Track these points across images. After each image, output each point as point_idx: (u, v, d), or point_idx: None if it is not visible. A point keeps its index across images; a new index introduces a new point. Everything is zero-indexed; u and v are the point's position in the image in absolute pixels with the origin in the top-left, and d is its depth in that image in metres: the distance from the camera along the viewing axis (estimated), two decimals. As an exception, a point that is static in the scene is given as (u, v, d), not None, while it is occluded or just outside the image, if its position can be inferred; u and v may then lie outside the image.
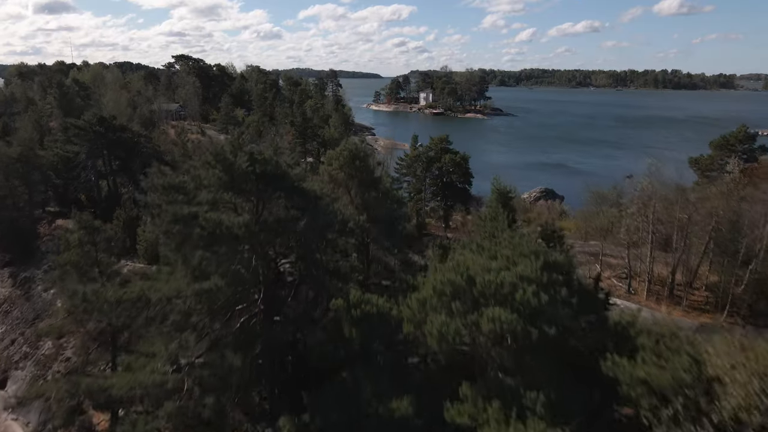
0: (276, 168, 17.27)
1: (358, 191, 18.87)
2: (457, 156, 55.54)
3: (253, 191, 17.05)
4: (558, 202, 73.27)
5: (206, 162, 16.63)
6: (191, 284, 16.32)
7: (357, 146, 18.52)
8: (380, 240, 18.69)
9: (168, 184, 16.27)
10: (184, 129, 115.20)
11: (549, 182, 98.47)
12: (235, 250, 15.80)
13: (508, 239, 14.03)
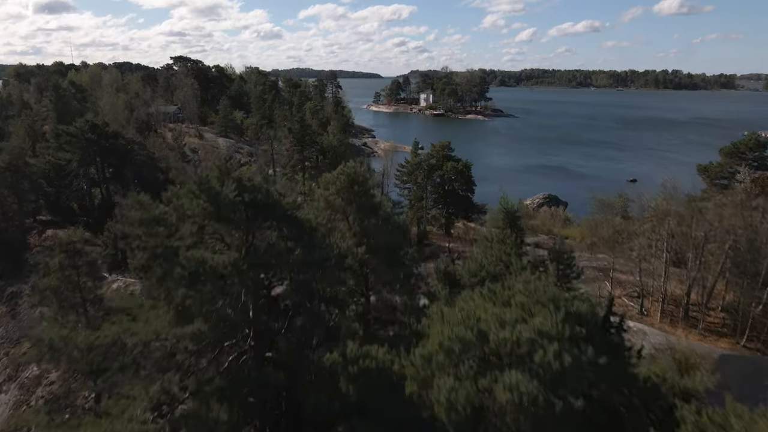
0: (267, 196, 15.78)
1: (356, 218, 17.38)
2: (459, 164, 54.07)
3: (242, 222, 15.57)
4: (562, 208, 71.85)
5: (190, 191, 15.13)
6: (172, 327, 14.85)
7: (355, 170, 17.03)
8: (381, 271, 17.24)
9: (147, 218, 14.78)
10: (182, 132, 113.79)
11: (552, 187, 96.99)
12: (221, 290, 14.35)
13: (523, 284, 12.51)
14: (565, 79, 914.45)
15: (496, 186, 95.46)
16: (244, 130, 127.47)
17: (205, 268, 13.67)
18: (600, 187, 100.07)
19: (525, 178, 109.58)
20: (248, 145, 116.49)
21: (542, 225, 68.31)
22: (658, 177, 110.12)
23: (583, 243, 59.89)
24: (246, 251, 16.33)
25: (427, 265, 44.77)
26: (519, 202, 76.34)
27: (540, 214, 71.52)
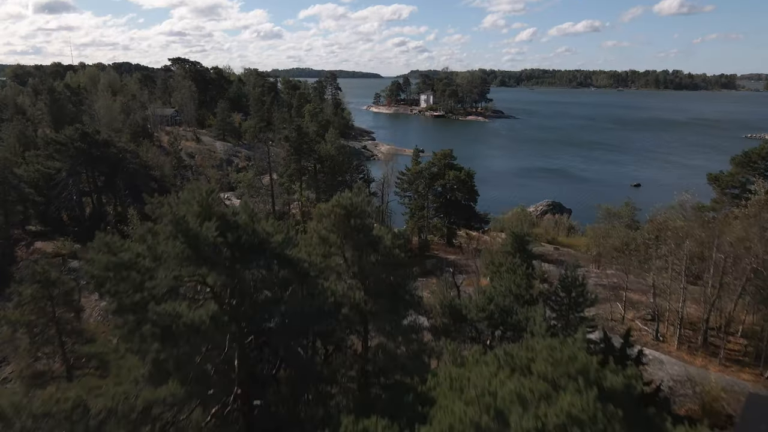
0: (253, 236, 14.03)
1: (354, 254, 15.61)
2: (461, 173, 52.29)
3: (225, 265, 13.81)
4: (566, 216, 70.07)
5: (165, 231, 13.37)
6: (145, 385, 13.09)
7: (352, 201, 15.28)
8: (380, 318, 15.50)
9: (116, 263, 13.03)
10: (179, 136, 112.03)
11: (555, 193, 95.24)
12: (199, 348, 12.61)
13: (547, 350, 10.75)
14: (566, 80, 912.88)
15: (498, 191, 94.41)
16: (242, 134, 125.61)
17: (180, 324, 11.92)
18: (603, 192, 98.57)
19: (527, 182, 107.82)
20: (246, 149, 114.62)
21: (546, 233, 66.55)
22: (663, 181, 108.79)
23: (589, 254, 58.13)
24: (230, 296, 14.60)
25: (429, 281, 43.11)
26: (522, 208, 74.85)
27: (544, 222, 69.77)
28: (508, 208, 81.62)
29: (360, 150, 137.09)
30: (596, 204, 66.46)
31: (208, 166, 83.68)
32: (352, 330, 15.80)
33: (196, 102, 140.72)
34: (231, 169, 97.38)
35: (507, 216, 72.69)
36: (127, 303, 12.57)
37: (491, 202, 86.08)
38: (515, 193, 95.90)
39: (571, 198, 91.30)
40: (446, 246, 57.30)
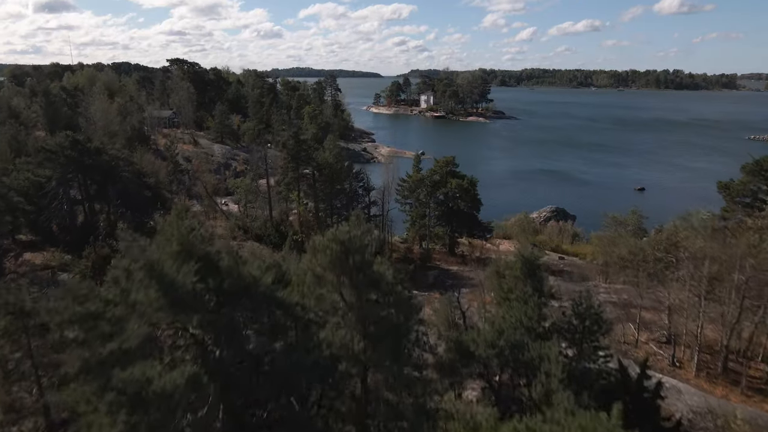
0: (238, 280, 12.46)
1: (352, 295, 14.04)
2: (464, 181, 50.69)
3: (207, 313, 12.24)
4: (570, 223, 68.50)
5: (139, 278, 11.79)
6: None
7: (350, 236, 13.71)
8: (382, 368, 13.93)
9: (82, 314, 11.46)
10: (176, 139, 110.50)
11: (557, 197, 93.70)
12: (174, 414, 11.05)
13: (575, 426, 9.18)
14: (566, 79, 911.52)
15: (500, 195, 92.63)
16: (240, 136, 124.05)
17: (150, 392, 10.36)
18: (607, 196, 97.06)
19: (529, 186, 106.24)
20: (244, 152, 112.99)
21: (550, 241, 65.02)
22: (667, 185, 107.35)
23: (595, 263, 56.59)
24: (215, 344, 13.03)
25: (432, 295, 41.51)
26: (525, 215, 73.28)
27: (548, 229, 68.23)
28: (511, 213, 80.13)
29: (360, 152, 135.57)
30: (602, 212, 64.93)
31: (204, 170, 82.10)
32: (350, 383, 14.22)
33: (195, 104, 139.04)
34: (229, 173, 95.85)
35: (510, 222, 71.24)
36: (92, 362, 11.00)
37: (493, 208, 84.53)
38: (518, 198, 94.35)
39: (575, 203, 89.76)
40: (448, 255, 55.75)
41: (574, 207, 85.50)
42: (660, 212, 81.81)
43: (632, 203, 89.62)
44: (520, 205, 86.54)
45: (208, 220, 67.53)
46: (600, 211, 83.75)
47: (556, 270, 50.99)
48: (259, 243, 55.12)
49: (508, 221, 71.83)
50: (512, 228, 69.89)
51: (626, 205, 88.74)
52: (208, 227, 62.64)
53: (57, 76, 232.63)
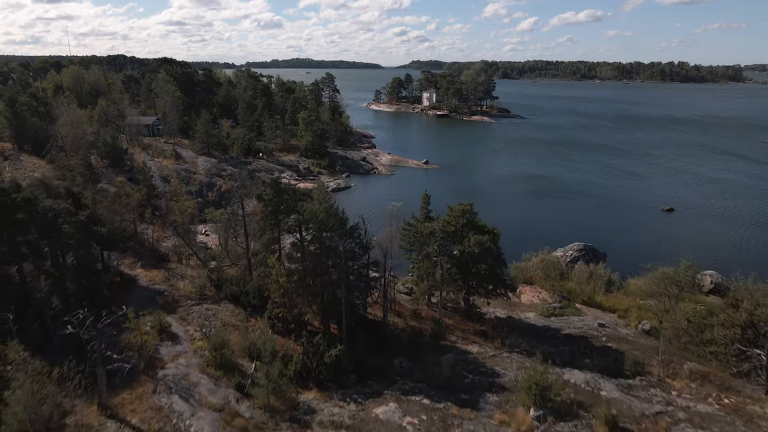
0: None
1: None
2: (486, 237, 40.84)
3: None
4: (602, 266, 58.70)
5: None
6: None
7: None
8: None
9: None
10: (156, 150, 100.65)
11: (579, 220, 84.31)
12: None
13: None
14: (569, 71, 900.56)
15: (512, 220, 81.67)
16: (228, 146, 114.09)
17: None
18: (634, 219, 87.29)
19: (545, 206, 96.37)
20: (232, 166, 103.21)
21: (580, 290, 55.37)
22: (695, 204, 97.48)
23: (643, 330, 47.00)
24: None
25: (449, 409, 31.80)
26: (548, 253, 63.58)
27: (576, 273, 58.50)
28: (528, 244, 70.65)
29: (359, 162, 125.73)
30: (640, 258, 55.19)
31: (181, 196, 72.31)
32: None
33: (180, 110, 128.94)
34: (212, 194, 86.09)
35: (532, 263, 61.64)
36: None
37: (508, 235, 74.98)
38: (534, 221, 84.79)
39: (601, 231, 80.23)
40: (464, 320, 46.14)
41: (601, 238, 75.87)
42: (700, 245, 72.30)
43: (664, 230, 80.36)
44: (543, 242, 76.97)
45: (180, 263, 58.09)
46: (631, 242, 74.38)
47: (600, 346, 41.36)
48: (235, 305, 45.56)
49: (529, 261, 62.21)
50: (534, 270, 60.34)
51: (659, 232, 79.30)
52: (176, 282, 53.10)
53: (45, 72, 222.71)
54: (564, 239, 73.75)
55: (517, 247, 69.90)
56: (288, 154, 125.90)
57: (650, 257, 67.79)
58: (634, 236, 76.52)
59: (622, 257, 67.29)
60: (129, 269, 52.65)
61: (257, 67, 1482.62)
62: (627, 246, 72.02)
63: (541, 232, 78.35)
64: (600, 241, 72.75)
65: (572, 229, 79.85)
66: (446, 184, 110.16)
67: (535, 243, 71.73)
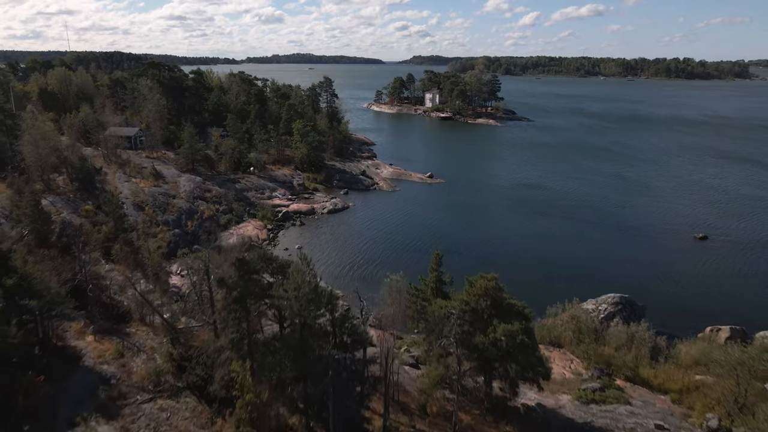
0: None
1: None
2: (516, 326, 31.42)
3: None
4: (643, 327, 49.11)
5: None
6: None
7: None
8: None
9: None
10: (135, 168, 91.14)
11: (609, 266, 74.94)
12: None
13: None
14: (573, 68, 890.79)
15: (529, 247, 71.68)
16: (215, 162, 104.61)
17: None
18: (666, 250, 77.76)
19: (563, 235, 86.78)
20: (219, 185, 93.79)
21: (621, 362, 46.05)
22: (729, 230, 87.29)
23: (701, 421, 37.79)
24: None
25: None
26: (578, 305, 54.16)
27: (613, 334, 49.13)
28: (550, 288, 61.51)
29: (358, 177, 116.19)
30: (698, 336, 45.95)
31: (150, 233, 63.12)
32: None
33: (166, 119, 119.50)
34: (192, 223, 76.69)
35: (559, 320, 52.28)
36: None
37: (525, 281, 66.12)
38: (553, 258, 75.36)
39: (628, 267, 70.91)
40: (484, 413, 36.86)
41: (632, 278, 66.72)
42: (752, 290, 62.46)
43: (704, 268, 70.71)
44: (559, 269, 67.65)
45: (144, 323, 48.95)
46: (669, 284, 64.09)
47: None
48: (199, 399, 36.26)
49: (555, 317, 52.87)
50: (563, 330, 50.98)
51: (698, 270, 69.44)
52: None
53: (33, 71, 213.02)
54: (589, 278, 64.71)
55: (537, 292, 60.67)
56: (282, 167, 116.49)
57: (696, 309, 58.65)
58: (671, 276, 67.10)
59: (663, 306, 58.05)
60: (76, 338, 43.58)
61: (258, 62, 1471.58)
62: (665, 291, 62.64)
63: (562, 267, 69.07)
64: (631, 281, 63.60)
65: (597, 264, 70.57)
66: (451, 203, 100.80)
67: (556, 284, 62.57)
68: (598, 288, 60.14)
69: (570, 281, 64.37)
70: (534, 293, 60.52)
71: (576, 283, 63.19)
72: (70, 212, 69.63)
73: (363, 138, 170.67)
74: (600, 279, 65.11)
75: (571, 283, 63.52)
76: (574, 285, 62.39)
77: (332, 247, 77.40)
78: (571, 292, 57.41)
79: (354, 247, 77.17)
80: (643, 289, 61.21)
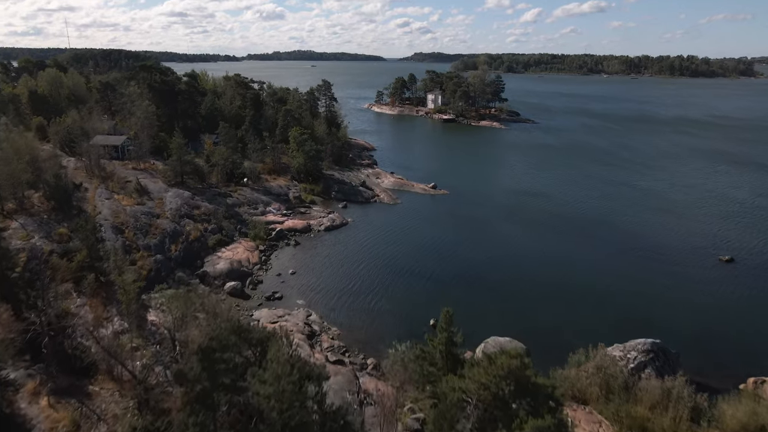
0: None
1: None
2: (549, 421, 25.47)
3: None
4: (680, 380, 43.19)
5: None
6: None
7: None
8: None
9: None
10: (119, 181, 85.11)
11: (631, 297, 68.93)
12: None
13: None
14: (575, 65, 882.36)
15: (542, 276, 64.02)
16: (206, 174, 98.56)
17: None
18: (689, 276, 71.60)
19: (579, 258, 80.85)
20: (209, 200, 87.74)
21: (658, 425, 40.02)
22: (755, 251, 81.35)
23: None
24: None
25: None
26: (603, 352, 48.15)
27: (646, 389, 43.17)
28: (566, 329, 55.70)
29: (357, 188, 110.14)
30: (740, 389, 39.95)
31: (126, 265, 57.17)
32: None
33: (155, 127, 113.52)
34: (176, 247, 70.64)
35: (583, 371, 46.25)
36: None
37: (538, 317, 60.39)
38: (568, 285, 69.40)
39: (650, 295, 64.92)
40: None
41: (656, 309, 60.84)
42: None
43: (734, 298, 64.56)
44: (576, 297, 61.64)
45: (112, 377, 43.13)
46: (698, 319, 56.95)
47: None
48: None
49: (579, 366, 46.88)
50: (588, 384, 44.94)
51: (728, 300, 63.24)
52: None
53: (26, 71, 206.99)
54: (610, 310, 58.78)
55: (554, 331, 54.95)
56: (278, 177, 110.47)
57: (734, 352, 52.37)
58: (700, 310, 60.96)
59: (696, 349, 52.13)
60: (29, 401, 37.78)
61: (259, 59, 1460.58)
62: (696, 330, 56.49)
63: (580, 298, 63.06)
64: (656, 317, 57.72)
65: (618, 294, 64.49)
66: (456, 218, 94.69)
67: (574, 319, 56.69)
68: (621, 324, 54.51)
69: (589, 315, 58.46)
70: (551, 332, 54.76)
71: (597, 318, 57.32)
72: (42, 236, 63.64)
73: (363, 143, 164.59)
74: (622, 312, 59.23)
75: (591, 317, 57.67)
76: (594, 320, 56.61)
77: (328, 272, 71.41)
78: (593, 330, 51.69)
79: (352, 272, 71.19)
80: (670, 328, 55.18)
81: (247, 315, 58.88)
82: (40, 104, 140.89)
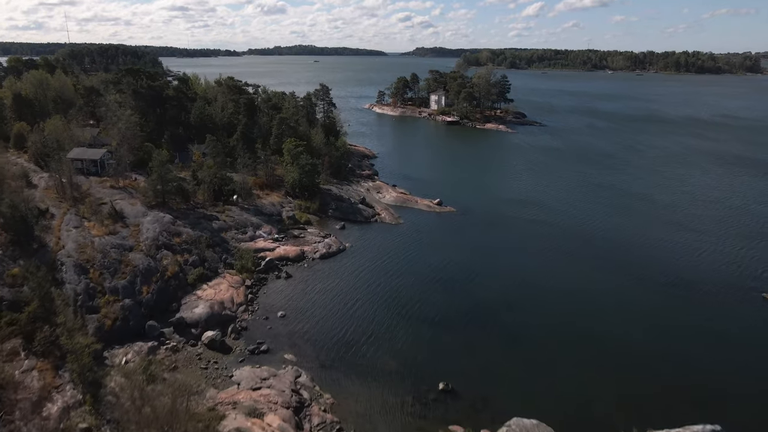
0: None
1: None
2: None
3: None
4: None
5: None
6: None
7: None
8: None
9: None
10: (91, 206, 76.64)
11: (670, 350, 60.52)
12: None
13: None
14: (579, 61, 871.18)
15: (567, 337, 56.68)
16: (191, 193, 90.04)
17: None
18: (731, 318, 62.79)
19: (602, 300, 72.65)
20: (192, 225, 79.24)
21: None
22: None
23: None
24: None
25: None
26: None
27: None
28: (601, 400, 47.69)
29: (356, 206, 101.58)
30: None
31: (77, 327, 48.85)
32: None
33: (138, 139, 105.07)
34: (149, 288, 62.15)
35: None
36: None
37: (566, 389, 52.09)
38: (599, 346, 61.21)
39: (696, 357, 56.50)
40: None
41: (704, 370, 52.57)
42: None
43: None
44: (611, 363, 53.25)
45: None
46: (754, 384, 49.85)
47: None
48: None
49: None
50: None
51: None
52: None
53: (15, 71, 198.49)
54: (648, 369, 50.25)
55: (587, 405, 46.67)
56: (271, 192, 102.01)
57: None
58: (755, 373, 52.41)
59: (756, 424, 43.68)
60: None
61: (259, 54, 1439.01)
62: (755, 401, 48.00)
63: (611, 354, 54.61)
64: (701, 376, 49.34)
65: (656, 346, 56.03)
66: (465, 242, 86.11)
67: (608, 384, 48.29)
68: (663, 394, 46.08)
69: (626, 378, 50.04)
70: (583, 405, 46.32)
71: (635, 384, 48.90)
72: (-9, 279, 55.35)
73: (363, 150, 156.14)
74: (663, 375, 50.79)
75: (629, 381, 49.30)
76: (632, 386, 48.27)
77: (321, 313, 63.00)
78: (634, 404, 43.41)
79: (348, 313, 62.91)
80: (726, 402, 46.74)
81: (226, 376, 50.63)
82: (25, 108, 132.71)
